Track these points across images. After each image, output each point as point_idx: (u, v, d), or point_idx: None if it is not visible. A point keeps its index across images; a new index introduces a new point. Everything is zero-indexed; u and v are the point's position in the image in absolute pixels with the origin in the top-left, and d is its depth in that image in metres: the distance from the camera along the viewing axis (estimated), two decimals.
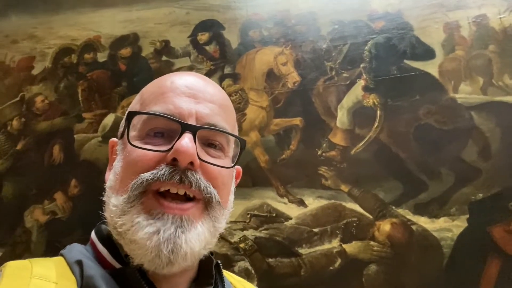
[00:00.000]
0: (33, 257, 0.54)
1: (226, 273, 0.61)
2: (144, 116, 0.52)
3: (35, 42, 1.79)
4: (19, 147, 1.62)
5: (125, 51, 1.70)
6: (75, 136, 1.60)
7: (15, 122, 1.66)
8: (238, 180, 0.62)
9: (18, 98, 1.70)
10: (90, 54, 1.73)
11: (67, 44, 1.77)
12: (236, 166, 0.59)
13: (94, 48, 1.74)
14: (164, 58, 1.65)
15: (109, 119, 1.59)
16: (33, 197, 1.53)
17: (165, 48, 1.67)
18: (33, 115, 1.67)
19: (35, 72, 1.75)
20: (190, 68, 1.60)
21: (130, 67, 1.68)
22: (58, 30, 1.79)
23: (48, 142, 1.61)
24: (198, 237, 0.48)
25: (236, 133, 0.58)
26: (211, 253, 0.57)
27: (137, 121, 0.53)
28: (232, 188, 0.58)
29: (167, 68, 1.61)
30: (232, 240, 1.31)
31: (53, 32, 1.80)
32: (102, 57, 1.72)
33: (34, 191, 1.53)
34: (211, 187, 0.50)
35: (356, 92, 1.45)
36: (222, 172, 0.52)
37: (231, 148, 0.57)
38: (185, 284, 0.53)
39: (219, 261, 0.58)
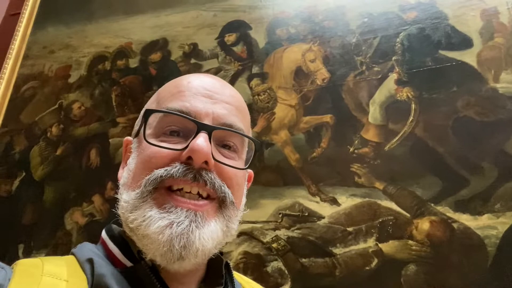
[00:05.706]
0: None
1: (235, 274, 0.60)
2: (161, 114, 0.52)
3: (71, 51, 1.87)
4: (58, 152, 1.69)
5: (155, 56, 1.74)
6: (110, 140, 1.65)
7: (54, 129, 1.74)
8: (249, 184, 0.62)
9: (56, 106, 1.79)
10: (122, 60, 1.79)
11: (101, 52, 1.83)
12: (249, 170, 0.59)
13: (126, 55, 1.79)
14: (192, 60, 1.67)
15: None
16: (72, 200, 1.58)
17: (194, 51, 1.69)
18: (70, 121, 1.74)
19: (71, 80, 1.82)
20: (218, 70, 1.60)
21: (160, 71, 1.71)
22: (92, 38, 1.86)
23: (85, 147, 1.66)
24: (211, 234, 0.48)
25: (251, 136, 0.58)
26: (221, 252, 0.56)
27: (153, 119, 0.53)
28: (245, 191, 0.57)
29: (196, 71, 1.62)
30: (265, 240, 1.30)
31: (87, 41, 1.87)
32: (133, 63, 1.77)
33: (74, 194, 1.59)
34: (226, 186, 0.50)
35: (389, 86, 1.40)
36: (236, 173, 0.52)
37: (245, 150, 0.57)
38: (195, 283, 0.53)
39: (228, 261, 0.58)
